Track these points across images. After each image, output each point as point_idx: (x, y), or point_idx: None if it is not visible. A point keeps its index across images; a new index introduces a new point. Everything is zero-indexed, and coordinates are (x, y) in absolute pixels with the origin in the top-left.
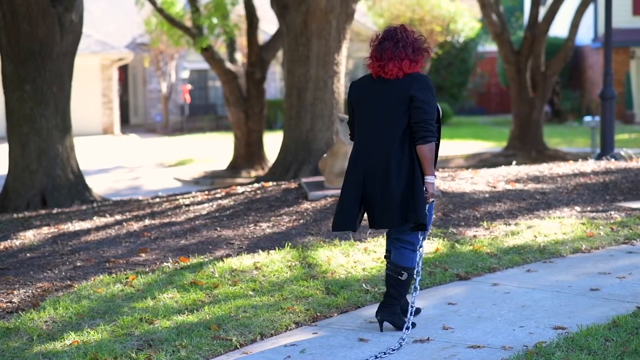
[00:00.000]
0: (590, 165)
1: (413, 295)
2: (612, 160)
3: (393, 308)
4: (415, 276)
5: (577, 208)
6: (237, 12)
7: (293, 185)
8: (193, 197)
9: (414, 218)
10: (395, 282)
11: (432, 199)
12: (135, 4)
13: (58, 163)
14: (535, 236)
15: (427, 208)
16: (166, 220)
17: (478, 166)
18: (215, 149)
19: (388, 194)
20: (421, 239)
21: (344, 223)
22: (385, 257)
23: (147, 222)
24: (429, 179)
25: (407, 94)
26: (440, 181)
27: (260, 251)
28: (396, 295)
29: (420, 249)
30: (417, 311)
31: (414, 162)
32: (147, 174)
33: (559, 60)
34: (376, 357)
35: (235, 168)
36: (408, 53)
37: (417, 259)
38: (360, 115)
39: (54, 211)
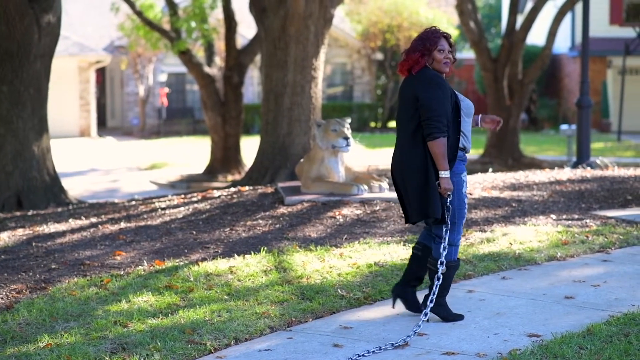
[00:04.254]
0: (566, 174)
1: (434, 292)
2: (588, 168)
3: (438, 300)
4: (438, 276)
5: (553, 216)
6: (216, 16)
7: (269, 189)
8: (169, 200)
9: (430, 213)
10: (434, 275)
11: (449, 193)
12: (110, 10)
13: (34, 165)
14: (510, 243)
15: (446, 202)
16: (142, 223)
17: None
18: (192, 153)
19: (404, 191)
20: (445, 233)
21: (404, 217)
22: (413, 248)
23: (122, 225)
24: (441, 174)
25: (413, 94)
26: None
27: (235, 255)
28: (439, 288)
29: (446, 245)
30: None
31: (427, 158)
32: (123, 177)
33: (536, 68)
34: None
35: (211, 172)
36: (414, 43)
37: (442, 252)
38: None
39: (29, 213)
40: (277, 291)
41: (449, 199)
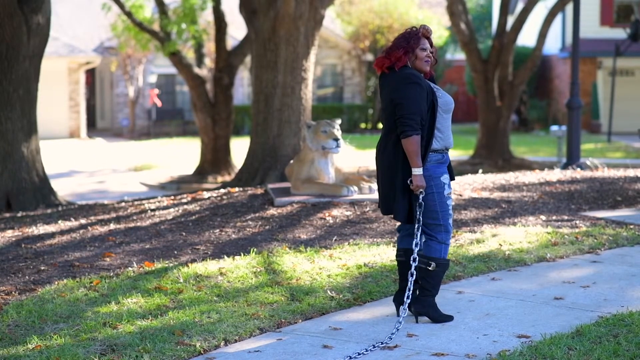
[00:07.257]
0: (556, 175)
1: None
2: (578, 169)
3: (427, 300)
4: (411, 272)
5: (543, 217)
6: (206, 17)
7: (259, 191)
8: (159, 201)
9: (394, 211)
10: (424, 273)
11: (420, 190)
12: (101, 9)
13: (23, 166)
14: (500, 244)
15: (417, 199)
16: (131, 224)
17: None
18: (182, 154)
19: (379, 186)
20: (417, 230)
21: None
22: (396, 255)
23: (112, 226)
24: (414, 171)
25: (389, 92)
26: None
27: (225, 257)
28: (428, 287)
29: (418, 241)
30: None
31: (397, 157)
32: (113, 178)
33: (526, 69)
34: (350, 358)
35: (201, 173)
36: (397, 41)
37: (415, 248)
38: None
39: (19, 214)
40: (267, 292)
41: (421, 196)
